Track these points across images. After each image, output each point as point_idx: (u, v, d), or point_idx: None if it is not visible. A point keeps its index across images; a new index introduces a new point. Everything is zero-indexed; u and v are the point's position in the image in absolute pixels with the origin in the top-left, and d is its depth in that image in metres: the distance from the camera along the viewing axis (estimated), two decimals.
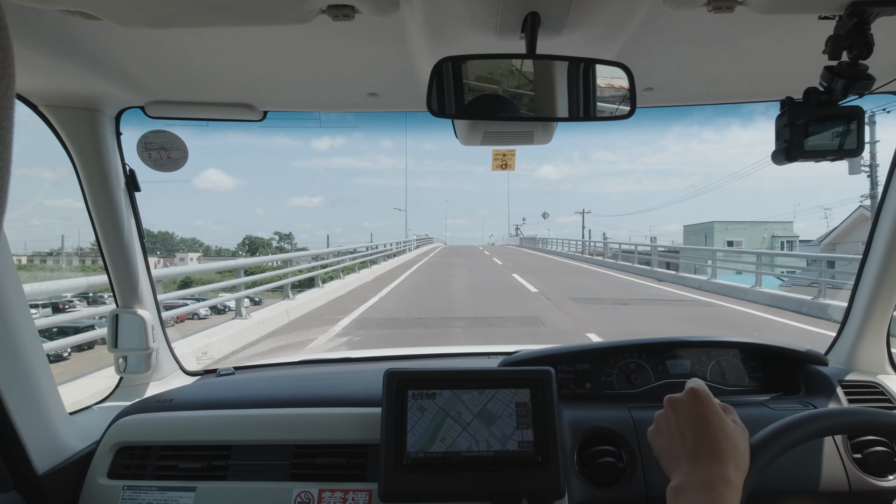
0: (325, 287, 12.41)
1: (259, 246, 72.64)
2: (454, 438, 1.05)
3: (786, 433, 0.75)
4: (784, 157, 0.90)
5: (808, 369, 1.36)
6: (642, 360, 1.39)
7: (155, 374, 1.50)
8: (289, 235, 77.61)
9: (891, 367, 1.45)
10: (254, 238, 76.39)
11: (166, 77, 1.16)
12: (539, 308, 9.88)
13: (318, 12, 0.80)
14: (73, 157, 1.29)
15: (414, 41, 0.98)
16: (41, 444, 1.05)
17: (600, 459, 1.11)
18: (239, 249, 76.93)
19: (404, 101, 1.32)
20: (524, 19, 0.86)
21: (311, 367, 1.71)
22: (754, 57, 1.08)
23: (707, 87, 1.26)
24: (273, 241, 72.78)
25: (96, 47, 0.99)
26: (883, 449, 1.12)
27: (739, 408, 1.27)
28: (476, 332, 7.67)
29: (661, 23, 0.91)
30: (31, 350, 1.04)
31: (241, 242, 79.56)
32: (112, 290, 1.43)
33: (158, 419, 1.20)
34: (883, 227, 1.34)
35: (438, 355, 1.80)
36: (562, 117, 0.95)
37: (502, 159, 2.08)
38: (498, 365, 1.32)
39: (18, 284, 1.03)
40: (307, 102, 1.35)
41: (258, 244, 74.31)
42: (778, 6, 0.79)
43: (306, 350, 6.71)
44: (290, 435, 1.16)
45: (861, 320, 1.42)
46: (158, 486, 1.12)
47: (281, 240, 76.68)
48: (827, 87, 0.83)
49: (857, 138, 0.87)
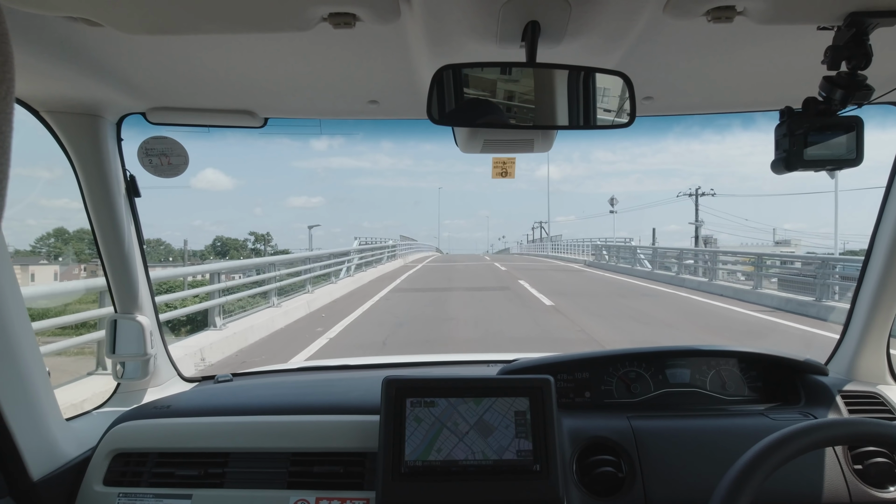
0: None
1: (231, 248, 61.17)
2: (450, 449, 1.05)
3: (786, 444, 0.75)
4: (783, 166, 0.90)
5: (808, 379, 1.35)
6: (642, 369, 1.38)
7: (153, 380, 1.49)
8: (265, 236, 63.23)
9: (891, 377, 1.44)
10: (225, 239, 63.90)
11: (168, 83, 1.16)
12: None
13: (319, 20, 0.81)
14: (74, 163, 1.29)
15: (415, 49, 0.98)
16: (37, 450, 1.05)
17: (599, 469, 1.10)
18: (208, 252, 63.53)
19: (405, 108, 1.33)
20: (524, 28, 0.86)
21: (310, 375, 1.70)
22: (753, 67, 1.08)
23: (706, 96, 1.27)
24: (248, 243, 60.09)
25: (98, 53, 1.00)
26: (883, 460, 1.11)
27: (739, 417, 1.28)
28: None
29: (660, 33, 0.91)
30: (28, 354, 1.04)
31: (212, 244, 66.36)
32: (111, 296, 1.43)
33: (155, 426, 1.20)
34: (883, 235, 1.34)
35: (437, 363, 1.79)
36: (562, 125, 0.96)
37: (502, 167, 2.09)
38: (497, 373, 1.32)
39: (16, 288, 1.02)
40: (308, 109, 1.35)
41: (230, 246, 62.25)
42: (777, 16, 0.79)
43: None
44: (288, 442, 1.15)
45: (861, 330, 1.41)
46: (154, 494, 1.11)
47: (257, 241, 62.58)
48: (826, 97, 0.83)
49: (857, 148, 0.88)
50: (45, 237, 52.20)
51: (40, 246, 50.50)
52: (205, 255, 59.82)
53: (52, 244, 50.52)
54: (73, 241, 49.62)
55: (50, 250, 49.24)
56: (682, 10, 0.80)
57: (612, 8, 0.82)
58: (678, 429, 1.18)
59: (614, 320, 9.43)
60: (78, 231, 49.93)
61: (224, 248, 61.48)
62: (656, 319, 9.79)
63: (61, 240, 51.67)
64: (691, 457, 1.12)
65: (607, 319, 9.48)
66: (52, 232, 52.45)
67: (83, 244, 46.66)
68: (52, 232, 52.45)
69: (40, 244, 50.73)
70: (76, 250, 47.14)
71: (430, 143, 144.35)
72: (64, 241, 51.04)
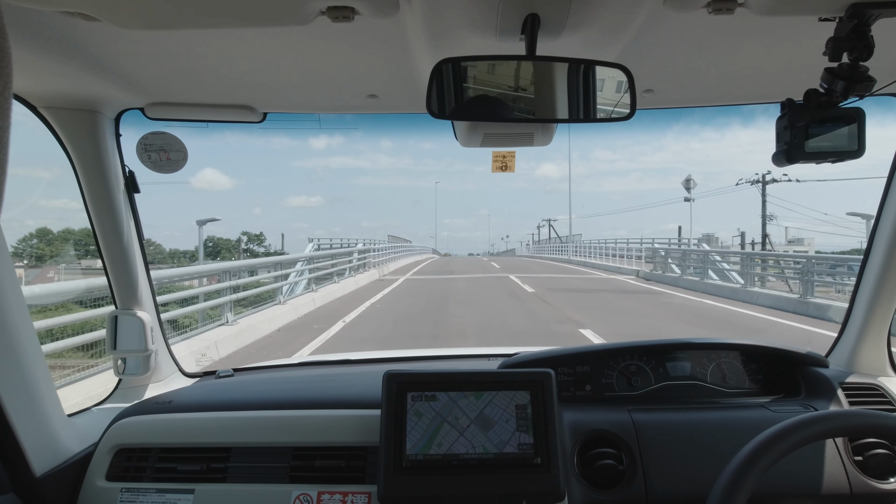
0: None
1: (223, 248, 57.64)
2: (451, 444, 1.05)
3: (787, 436, 0.75)
4: (785, 158, 0.90)
5: (809, 371, 1.35)
6: (642, 363, 1.38)
7: (154, 375, 1.49)
8: (259, 236, 59.18)
9: (892, 368, 1.45)
10: (217, 239, 59.42)
11: (166, 79, 1.16)
12: None
13: (317, 14, 0.80)
14: (73, 159, 1.29)
15: (414, 43, 0.98)
16: (39, 445, 1.05)
17: (600, 462, 1.10)
18: (198, 253, 62.07)
19: (404, 102, 1.32)
20: (524, 21, 0.86)
21: (311, 369, 1.70)
22: (754, 59, 1.07)
23: (707, 89, 1.26)
24: (241, 243, 54.96)
25: (96, 49, 0.99)
26: (884, 451, 1.12)
27: (740, 410, 1.28)
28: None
29: (661, 25, 0.91)
30: (30, 351, 1.04)
31: (203, 244, 63.85)
32: (111, 292, 1.43)
33: (157, 421, 1.20)
34: (883, 228, 1.33)
35: (438, 357, 1.80)
36: (561, 119, 0.95)
37: (502, 161, 2.09)
38: (498, 367, 1.32)
39: (17, 286, 1.02)
40: (307, 104, 1.35)
41: (222, 246, 58.25)
42: (778, 8, 0.78)
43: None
44: (290, 437, 1.15)
45: (862, 322, 1.41)
46: (157, 489, 1.12)
47: (250, 241, 58.19)
48: (827, 88, 0.83)
49: (858, 140, 0.87)
50: (27, 238, 50.94)
51: (22, 247, 49.23)
52: (194, 256, 55.53)
53: (34, 245, 48.99)
54: (57, 241, 47.45)
55: (33, 251, 48.14)
56: (682, 2, 0.79)
57: (612, 0, 0.81)
58: (679, 421, 1.19)
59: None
60: (62, 231, 48.38)
61: (216, 248, 58.14)
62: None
63: (45, 241, 49.95)
64: (692, 449, 1.13)
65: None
66: (35, 232, 49.38)
67: (68, 245, 44.93)
68: (35, 232, 49.38)
69: (22, 245, 49.43)
70: (59, 252, 44.34)
71: (429, 140, 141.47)
72: (47, 242, 49.33)
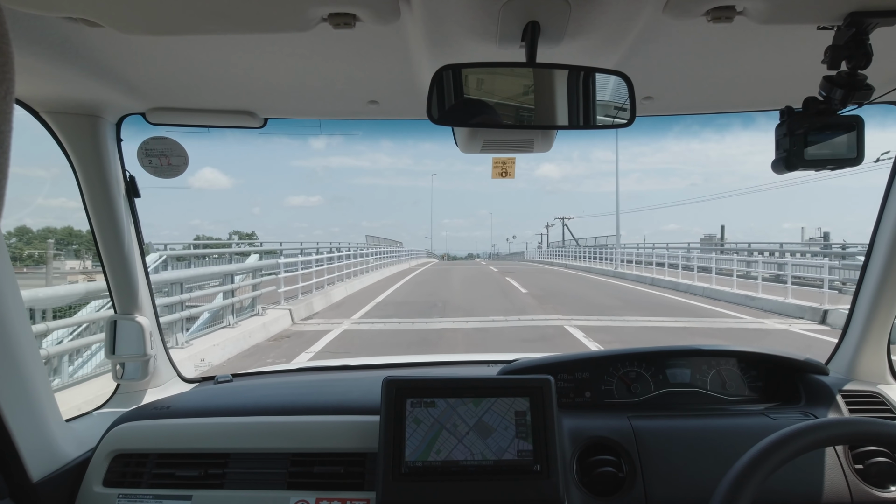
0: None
1: (213, 248, 58.05)
2: (449, 451, 1.05)
3: (787, 444, 0.75)
4: (784, 166, 0.90)
5: (809, 378, 1.35)
6: (642, 369, 1.38)
7: (152, 380, 1.49)
8: (251, 235, 55.48)
9: (892, 376, 1.44)
10: (207, 239, 61.42)
11: (168, 84, 1.16)
12: None
13: (319, 21, 0.81)
14: (74, 164, 1.29)
15: (414, 49, 0.98)
16: (36, 450, 1.04)
17: (600, 469, 1.10)
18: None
19: (405, 108, 1.33)
20: (524, 28, 0.86)
21: (310, 375, 1.70)
22: (753, 67, 1.08)
23: (706, 96, 1.26)
24: (232, 242, 57.04)
25: (98, 54, 1.00)
26: (884, 460, 1.11)
27: (740, 417, 1.28)
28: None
29: (660, 33, 0.91)
30: (28, 355, 1.03)
31: (191, 244, 58.98)
32: (110, 297, 1.42)
33: (155, 426, 1.19)
34: (883, 235, 1.33)
35: (437, 363, 1.79)
36: (561, 125, 0.95)
37: (502, 167, 2.09)
38: (497, 373, 1.31)
39: (16, 289, 1.02)
40: (308, 110, 1.35)
41: (211, 246, 57.94)
42: (777, 16, 0.79)
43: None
44: (288, 443, 1.15)
45: (861, 329, 1.41)
46: (154, 495, 1.11)
47: (241, 240, 59.22)
48: (826, 96, 0.83)
49: (857, 147, 0.88)
50: (5, 236, 49.60)
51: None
52: (181, 257, 54.91)
53: (13, 245, 47.63)
54: (36, 240, 45.96)
55: (12, 252, 46.49)
56: (681, 10, 0.80)
57: (612, 8, 0.82)
58: (678, 428, 1.18)
59: None
60: (42, 230, 47.00)
61: (206, 246, 57.83)
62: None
63: (23, 240, 48.01)
64: (692, 456, 1.12)
65: None
66: (14, 231, 46.19)
67: (45, 245, 43.82)
68: (14, 231, 46.19)
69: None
70: (37, 252, 42.89)
71: (429, 144, 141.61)
72: (26, 242, 47.63)
